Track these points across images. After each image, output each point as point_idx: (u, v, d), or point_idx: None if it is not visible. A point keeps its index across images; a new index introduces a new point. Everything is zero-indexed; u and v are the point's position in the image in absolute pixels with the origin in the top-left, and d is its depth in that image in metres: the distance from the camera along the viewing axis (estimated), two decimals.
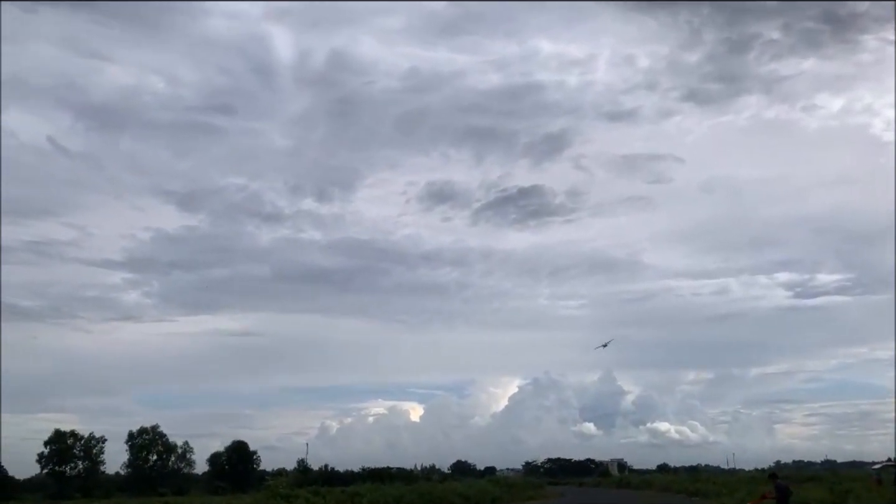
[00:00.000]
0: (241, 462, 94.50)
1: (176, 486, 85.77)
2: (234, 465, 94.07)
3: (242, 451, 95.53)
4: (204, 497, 61.18)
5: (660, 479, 78.59)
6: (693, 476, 78.25)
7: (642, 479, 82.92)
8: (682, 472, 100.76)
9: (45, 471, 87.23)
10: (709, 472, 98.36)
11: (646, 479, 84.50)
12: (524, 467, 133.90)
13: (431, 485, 55.92)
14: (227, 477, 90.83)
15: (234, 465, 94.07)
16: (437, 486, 52.71)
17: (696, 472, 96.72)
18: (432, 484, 58.38)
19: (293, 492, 33.34)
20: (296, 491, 33.91)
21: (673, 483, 67.67)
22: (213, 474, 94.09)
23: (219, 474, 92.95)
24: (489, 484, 61.84)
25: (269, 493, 32.79)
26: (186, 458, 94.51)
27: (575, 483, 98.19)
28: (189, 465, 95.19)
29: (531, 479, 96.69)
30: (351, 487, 43.74)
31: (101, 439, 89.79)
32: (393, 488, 44.46)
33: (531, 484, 76.15)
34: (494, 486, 57.75)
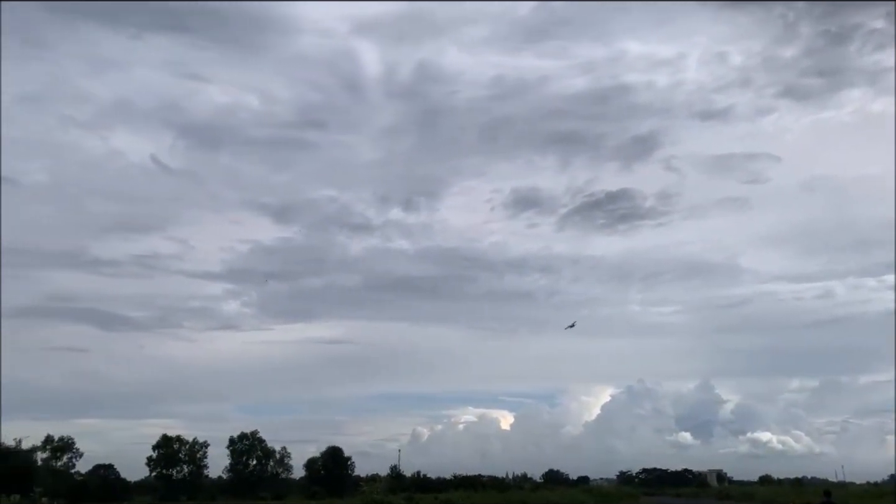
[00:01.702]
0: (336, 467, 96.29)
1: (275, 490, 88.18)
2: (330, 471, 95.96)
3: (337, 457, 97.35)
4: (301, 501, 62.66)
5: (762, 492, 75.34)
6: (798, 489, 74.72)
7: (743, 491, 79.71)
8: (786, 485, 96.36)
9: (154, 474, 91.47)
10: (816, 485, 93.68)
11: (747, 490, 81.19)
12: (618, 477, 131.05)
13: (524, 493, 55.59)
14: (322, 482, 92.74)
15: (330, 471, 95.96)
16: (530, 495, 52.36)
17: (802, 485, 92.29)
18: (524, 492, 58.02)
19: (387, 497, 33.78)
20: (390, 497, 34.36)
21: (777, 495, 64.84)
22: (310, 479, 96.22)
23: (315, 479, 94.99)
24: (582, 493, 60.94)
25: (364, 499, 33.34)
26: (284, 463, 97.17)
27: (671, 494, 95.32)
28: (287, 470, 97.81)
29: (626, 489, 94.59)
30: (443, 494, 43.98)
31: (204, 444, 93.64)
32: (485, 496, 44.48)
33: (626, 494, 74.49)
34: (588, 496, 56.88)
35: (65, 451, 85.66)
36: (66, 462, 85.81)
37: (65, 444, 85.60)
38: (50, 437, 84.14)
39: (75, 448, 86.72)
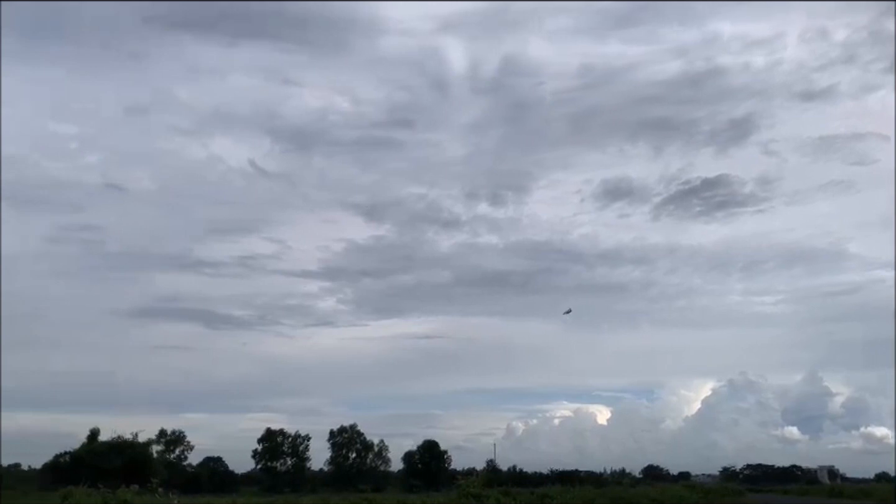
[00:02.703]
0: (433, 461, 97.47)
1: (374, 482, 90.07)
2: (427, 464, 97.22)
3: (434, 451, 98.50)
4: (400, 494, 63.69)
5: (880, 490, 71.15)
6: None
7: (858, 489, 75.51)
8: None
9: (259, 466, 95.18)
10: None
11: (862, 488, 76.93)
12: (721, 473, 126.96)
13: (622, 489, 54.57)
14: (420, 475, 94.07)
15: (427, 464, 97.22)
16: (629, 491, 51.35)
17: None
18: (623, 488, 56.95)
19: (484, 492, 33.81)
20: (486, 491, 34.37)
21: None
22: (408, 472, 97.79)
23: (413, 472, 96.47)
24: (684, 490, 59.28)
25: (461, 493, 33.47)
26: (382, 457, 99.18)
27: (779, 491, 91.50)
28: (385, 463, 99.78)
29: (730, 485, 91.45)
30: (540, 489, 43.68)
31: (306, 437, 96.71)
32: (583, 491, 43.93)
33: (730, 491, 71.95)
34: (690, 493, 55.28)
35: (177, 444, 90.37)
36: (179, 454, 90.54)
37: (177, 438, 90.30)
38: (163, 431, 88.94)
39: (186, 441, 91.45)
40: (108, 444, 72.60)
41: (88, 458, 69.41)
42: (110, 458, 68.50)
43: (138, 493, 22.95)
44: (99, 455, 69.77)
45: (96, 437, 74.57)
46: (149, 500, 22.25)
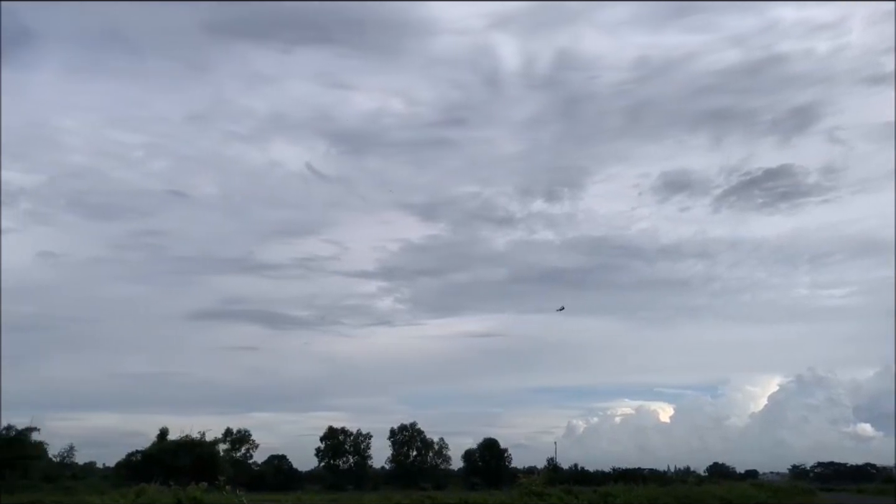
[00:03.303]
0: (494, 459, 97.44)
1: (435, 480, 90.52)
2: (487, 462, 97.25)
3: (494, 449, 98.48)
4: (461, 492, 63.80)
5: None
6: None
7: None
8: None
9: (322, 464, 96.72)
10: None
11: None
12: (790, 471, 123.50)
13: (687, 487, 53.55)
14: (480, 473, 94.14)
15: (487, 462, 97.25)
16: (694, 489, 50.37)
17: None
18: (688, 486, 55.88)
19: (546, 490, 33.65)
20: (548, 489, 34.20)
21: None
22: (468, 470, 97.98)
23: (473, 470, 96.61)
24: (752, 488, 57.87)
25: (522, 491, 33.38)
26: (443, 454, 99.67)
27: (852, 490, 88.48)
28: (446, 461, 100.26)
29: (800, 484, 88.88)
30: (603, 488, 43.22)
31: (367, 436, 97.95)
32: (647, 490, 43.25)
33: (800, 490, 69.97)
34: (759, 491, 53.94)
35: (243, 443, 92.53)
36: (245, 453, 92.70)
37: (242, 437, 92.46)
38: (229, 430, 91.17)
39: (251, 440, 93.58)
40: (177, 443, 74.64)
41: (159, 456, 71.54)
42: (179, 456, 70.44)
43: (207, 490, 23.55)
44: (169, 453, 71.83)
45: (166, 437, 76.74)
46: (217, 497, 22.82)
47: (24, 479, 63.10)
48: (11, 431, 70.78)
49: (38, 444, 73.23)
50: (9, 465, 65.94)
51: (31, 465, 69.29)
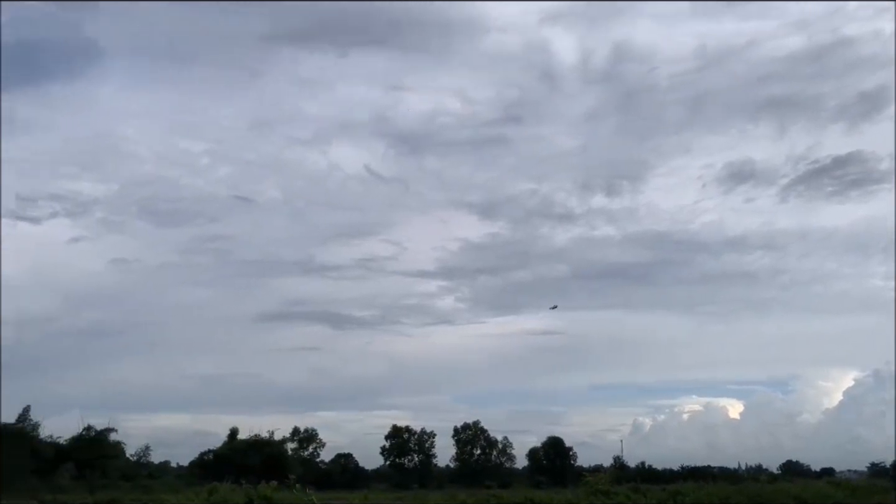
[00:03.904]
0: (558, 457, 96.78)
1: (499, 479, 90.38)
2: (552, 461, 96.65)
3: (558, 447, 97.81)
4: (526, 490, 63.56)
5: None
6: None
7: None
8: None
9: (388, 462, 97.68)
10: None
11: None
12: (869, 469, 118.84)
13: (759, 486, 52.04)
14: (545, 471, 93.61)
15: (552, 461, 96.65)
16: (767, 488, 48.94)
17: None
18: (760, 485, 54.32)
19: (612, 488, 33.28)
20: (615, 488, 33.82)
21: None
22: (533, 469, 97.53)
23: (538, 469, 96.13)
24: (829, 487, 55.83)
25: (588, 489, 33.07)
26: (507, 453, 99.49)
27: None
28: (510, 460, 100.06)
29: (880, 482, 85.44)
30: (671, 486, 42.51)
31: (431, 434, 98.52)
32: (717, 488, 42.32)
33: (881, 488, 67.22)
34: (836, 490, 51.97)
35: (310, 442, 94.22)
36: (312, 451, 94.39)
37: (309, 436, 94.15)
38: (296, 429, 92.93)
39: (318, 439, 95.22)
40: (247, 443, 76.55)
41: (230, 455, 73.53)
42: (249, 455, 72.24)
43: (277, 489, 24.06)
44: (239, 453, 73.74)
45: (236, 436, 78.77)
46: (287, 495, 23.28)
47: (104, 478, 65.63)
48: (91, 432, 73.66)
49: (116, 445, 76.06)
50: (89, 465, 68.69)
51: (109, 464, 72.03)
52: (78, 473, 66.79)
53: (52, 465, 68.26)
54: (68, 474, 65.97)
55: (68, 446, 72.70)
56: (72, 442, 73.17)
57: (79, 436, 73.53)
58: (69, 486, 60.16)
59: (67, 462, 68.72)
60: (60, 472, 65.96)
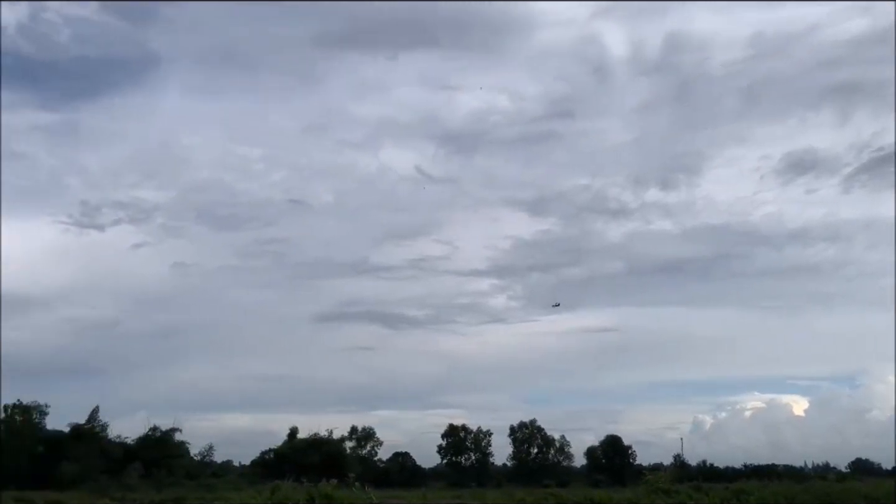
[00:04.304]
0: (617, 456, 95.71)
1: (557, 478, 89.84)
2: (610, 459, 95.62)
3: (617, 446, 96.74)
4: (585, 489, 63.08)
5: None
6: None
7: None
8: None
9: (445, 461, 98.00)
10: None
11: None
12: None
13: (827, 484, 50.66)
14: (604, 470, 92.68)
15: (610, 459, 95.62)
16: (835, 487, 47.54)
17: None
18: (828, 483, 52.90)
19: (673, 487, 32.77)
20: (676, 486, 33.30)
21: None
22: (591, 467, 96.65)
23: (596, 467, 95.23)
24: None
25: (649, 488, 32.64)
26: (564, 452, 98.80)
27: None
28: (567, 459, 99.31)
29: None
30: (735, 484, 41.63)
31: (487, 433, 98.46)
32: (782, 487, 41.26)
33: None
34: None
35: (367, 441, 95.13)
36: (370, 450, 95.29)
37: (367, 434, 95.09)
38: (354, 428, 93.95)
39: (376, 437, 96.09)
40: (307, 441, 77.82)
41: (290, 454, 74.87)
42: (309, 454, 73.41)
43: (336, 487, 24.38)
44: (299, 451, 75.03)
45: (295, 435, 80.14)
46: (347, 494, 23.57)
47: (170, 477, 67.50)
48: (157, 432, 75.95)
49: (181, 444, 78.28)
50: (156, 464, 70.78)
51: (175, 463, 74.09)
52: (145, 472, 68.81)
53: (120, 464, 70.55)
54: (136, 473, 67.95)
55: (135, 446, 75.11)
56: (139, 442, 75.59)
57: (145, 436, 75.94)
58: (137, 484, 62.04)
59: (135, 461, 70.89)
60: (129, 471, 68.03)
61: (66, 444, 71.32)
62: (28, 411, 74.66)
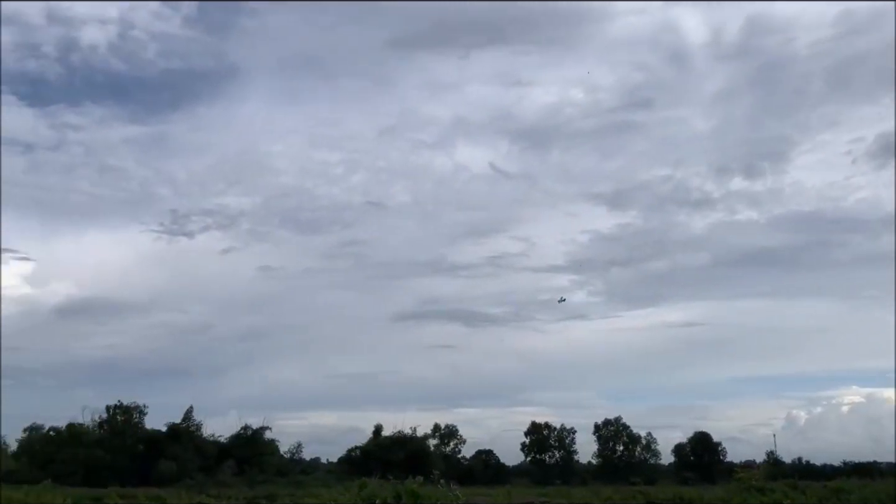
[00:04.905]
0: (706, 453, 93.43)
1: (644, 475, 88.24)
2: (699, 456, 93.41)
3: (706, 443, 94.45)
4: (673, 487, 61.79)
5: None
6: None
7: None
8: None
9: (528, 459, 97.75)
10: None
11: None
12: None
13: None
14: (692, 468, 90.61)
15: (699, 456, 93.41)
16: None
17: None
18: None
19: (767, 485, 31.78)
20: (769, 484, 32.28)
21: None
22: (679, 465, 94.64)
23: (684, 465, 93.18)
24: None
25: (740, 486, 31.77)
26: (651, 449, 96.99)
27: None
28: (655, 456, 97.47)
29: None
30: (833, 483, 39.99)
31: (571, 430, 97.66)
32: (884, 485, 39.40)
33: None
34: None
35: (451, 438, 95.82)
36: (453, 448, 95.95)
37: (450, 432, 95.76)
38: (437, 426, 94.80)
39: (459, 435, 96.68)
40: (391, 439, 78.98)
41: (375, 451, 76.16)
42: (393, 451, 74.52)
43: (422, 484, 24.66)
44: (384, 449, 76.25)
45: (380, 433, 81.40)
46: (433, 491, 23.79)
47: (262, 474, 69.75)
48: (248, 431, 78.64)
49: (271, 442, 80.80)
50: (248, 461, 73.27)
51: (266, 460, 76.56)
52: (238, 470, 71.26)
53: (215, 461, 73.35)
54: (230, 471, 70.43)
55: (228, 444, 78.00)
56: (231, 440, 78.46)
57: (237, 434, 78.75)
58: (231, 481, 64.32)
59: (228, 459, 73.54)
60: (223, 469, 70.60)
61: (164, 442, 74.68)
62: (128, 412, 78.53)
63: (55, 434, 75.44)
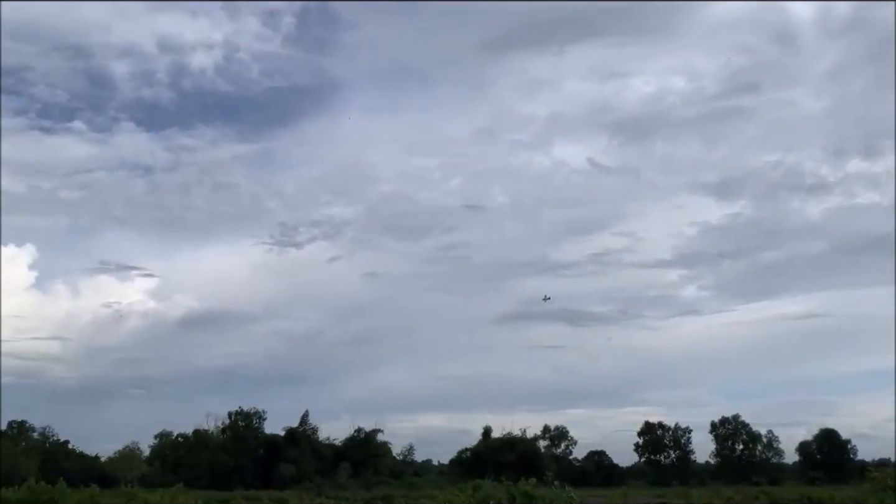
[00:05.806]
0: (834, 451, 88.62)
1: (766, 475, 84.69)
2: (826, 455, 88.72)
3: (833, 440, 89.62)
4: (800, 487, 58.85)
5: None
6: None
7: None
8: None
9: (643, 459, 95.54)
10: None
11: None
12: None
13: None
14: (819, 467, 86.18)
15: (826, 455, 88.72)
16: None
17: None
18: None
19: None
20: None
21: None
22: (805, 464, 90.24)
23: (810, 464, 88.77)
24: None
25: (874, 486, 29.81)
26: (774, 448, 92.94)
27: None
28: (777, 455, 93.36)
29: None
30: None
31: (686, 430, 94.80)
32: None
33: None
34: None
35: (561, 440, 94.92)
36: (564, 449, 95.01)
37: (560, 433, 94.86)
38: (546, 427, 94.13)
39: (569, 436, 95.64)
40: (501, 441, 79.14)
41: (486, 453, 76.46)
42: (504, 453, 74.61)
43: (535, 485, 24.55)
44: (494, 450, 76.47)
45: (489, 434, 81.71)
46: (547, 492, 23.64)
47: (376, 476, 71.42)
48: (361, 433, 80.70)
49: (384, 445, 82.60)
50: (363, 463, 75.18)
51: (380, 462, 78.35)
52: (353, 472, 73.21)
53: (331, 464, 75.69)
54: (345, 473, 72.47)
55: (343, 447, 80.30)
56: (346, 443, 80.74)
57: (351, 437, 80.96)
58: (347, 483, 66.19)
59: (344, 461, 75.70)
60: (339, 471, 72.75)
61: (283, 446, 77.66)
62: (248, 417, 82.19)
63: (183, 440, 79.85)
